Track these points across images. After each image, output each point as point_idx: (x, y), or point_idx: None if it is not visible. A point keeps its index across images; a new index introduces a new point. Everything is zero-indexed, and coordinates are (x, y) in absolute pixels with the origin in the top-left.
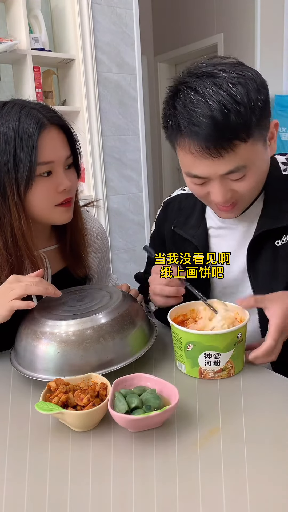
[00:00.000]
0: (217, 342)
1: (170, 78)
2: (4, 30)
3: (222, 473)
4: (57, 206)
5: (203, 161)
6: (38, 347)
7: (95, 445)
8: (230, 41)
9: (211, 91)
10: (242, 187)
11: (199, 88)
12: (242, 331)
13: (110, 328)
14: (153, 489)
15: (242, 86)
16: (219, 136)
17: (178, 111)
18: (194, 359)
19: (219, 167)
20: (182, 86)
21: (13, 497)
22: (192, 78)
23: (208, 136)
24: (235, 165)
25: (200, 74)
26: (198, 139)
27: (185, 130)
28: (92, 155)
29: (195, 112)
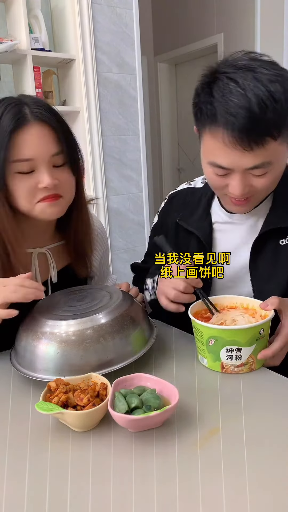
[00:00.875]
0: (239, 337)
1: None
2: (4, 30)
3: (222, 473)
4: (39, 202)
5: (233, 151)
6: (38, 347)
7: (95, 445)
8: (230, 41)
9: (251, 84)
10: (261, 184)
11: (239, 80)
12: (264, 326)
13: (110, 328)
14: (153, 489)
15: (280, 85)
16: (253, 129)
17: (215, 99)
18: (216, 354)
19: (247, 160)
20: (221, 76)
21: (13, 497)
22: (232, 69)
23: (243, 127)
24: (261, 161)
25: (239, 66)
26: (233, 129)
27: (220, 118)
28: (92, 155)
29: (233, 102)
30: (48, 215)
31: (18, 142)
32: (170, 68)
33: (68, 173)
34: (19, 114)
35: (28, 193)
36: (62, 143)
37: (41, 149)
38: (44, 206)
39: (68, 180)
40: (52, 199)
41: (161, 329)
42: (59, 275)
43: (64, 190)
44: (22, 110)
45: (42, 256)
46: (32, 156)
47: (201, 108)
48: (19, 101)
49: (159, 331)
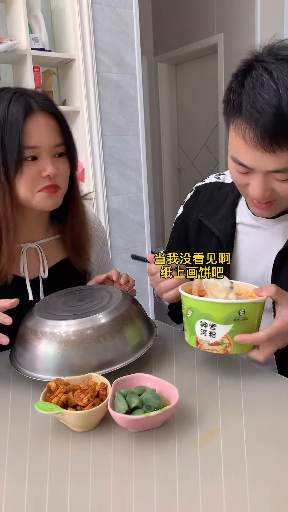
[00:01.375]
0: (213, 312)
1: (249, 51)
2: (4, 30)
3: (222, 473)
4: (40, 191)
5: (254, 151)
6: (38, 347)
7: (95, 445)
8: (230, 41)
9: (286, 80)
10: (284, 189)
11: (274, 72)
12: (245, 308)
13: (110, 328)
14: (153, 489)
15: None
16: (278, 129)
17: (244, 90)
18: (192, 326)
19: (267, 163)
20: (258, 65)
21: (13, 497)
22: (271, 58)
23: (267, 126)
24: (283, 166)
25: (281, 57)
26: (256, 126)
27: (245, 112)
28: (92, 155)
29: (261, 97)
30: (46, 206)
31: (26, 129)
32: (170, 68)
33: (66, 165)
34: (27, 103)
35: (31, 181)
36: (63, 135)
37: (46, 138)
38: (44, 196)
39: (65, 171)
40: (52, 190)
41: (161, 329)
42: (54, 270)
43: (61, 181)
44: (29, 100)
45: (34, 251)
46: (38, 144)
47: (229, 97)
48: (23, 91)
49: (159, 331)
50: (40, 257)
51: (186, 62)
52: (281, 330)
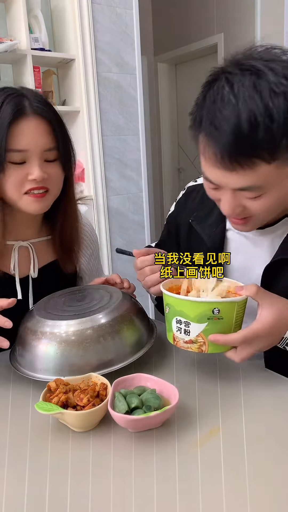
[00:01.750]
0: (186, 309)
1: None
2: (4, 30)
3: (222, 473)
4: (26, 194)
5: (215, 169)
6: (38, 347)
7: (95, 445)
8: (230, 41)
9: (246, 94)
10: (255, 207)
11: (235, 85)
12: (219, 307)
13: (110, 328)
14: (153, 489)
15: (285, 99)
16: (237, 148)
17: (205, 104)
18: (169, 323)
19: (231, 181)
20: (222, 75)
21: (13, 497)
22: (236, 69)
23: (226, 145)
24: (248, 184)
25: (245, 67)
26: (214, 145)
27: (205, 129)
28: (92, 155)
29: (220, 113)
30: (32, 209)
31: (15, 132)
32: (170, 68)
33: (58, 169)
34: (19, 105)
35: (17, 183)
36: (56, 139)
37: (36, 142)
38: (30, 200)
39: (57, 175)
40: (39, 195)
41: (161, 329)
42: (44, 271)
43: (52, 185)
44: (22, 102)
45: (25, 250)
46: (26, 148)
47: (193, 109)
48: (20, 92)
49: (159, 331)
50: (31, 256)
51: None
52: (259, 333)
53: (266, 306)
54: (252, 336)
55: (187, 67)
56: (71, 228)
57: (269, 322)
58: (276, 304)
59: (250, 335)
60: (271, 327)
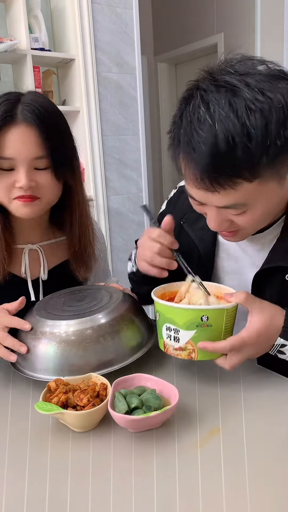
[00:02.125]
0: (175, 316)
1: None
2: (4, 30)
3: (222, 473)
4: (15, 199)
5: (197, 190)
6: (38, 347)
7: (95, 445)
8: (230, 41)
9: (222, 114)
10: (242, 222)
11: (211, 105)
12: (208, 314)
13: (110, 328)
14: (153, 489)
15: (262, 116)
16: (217, 170)
17: (182, 125)
18: (160, 330)
19: (214, 200)
20: (197, 93)
21: (13, 497)
22: (212, 85)
23: (205, 167)
24: (232, 202)
25: (221, 84)
26: (193, 167)
27: (183, 150)
28: (92, 155)
29: (197, 134)
30: (22, 214)
31: (2, 140)
32: (170, 68)
33: (49, 177)
34: (9, 112)
35: (6, 189)
36: (46, 148)
37: (23, 150)
38: (19, 204)
39: (48, 183)
40: (28, 199)
41: None
42: (53, 272)
43: (42, 193)
44: (14, 109)
45: (35, 252)
46: (13, 156)
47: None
48: (17, 98)
49: None
50: (41, 259)
51: (186, 62)
52: (248, 341)
53: (256, 313)
54: (240, 344)
55: (187, 67)
56: (81, 235)
57: (257, 329)
58: (266, 311)
59: (238, 343)
60: (259, 335)
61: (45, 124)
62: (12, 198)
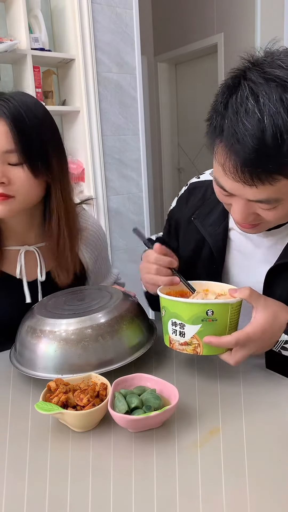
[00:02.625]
0: (181, 311)
1: (243, 55)
2: (4, 30)
3: (222, 473)
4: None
5: (233, 182)
6: (37, 346)
7: (95, 445)
8: (230, 41)
9: (272, 108)
10: (268, 216)
11: (261, 98)
12: (213, 308)
13: (109, 327)
14: (153, 489)
15: None
16: (260, 164)
17: (227, 114)
18: (165, 326)
19: (248, 193)
20: (245, 84)
21: (13, 497)
22: (260, 78)
23: (248, 160)
24: (266, 197)
25: (270, 77)
26: (236, 159)
27: (226, 140)
28: (92, 155)
29: (244, 126)
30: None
31: None
32: (170, 68)
33: (23, 173)
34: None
35: None
36: (16, 142)
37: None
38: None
39: (22, 180)
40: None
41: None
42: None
43: (16, 191)
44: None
45: (30, 254)
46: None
47: (212, 119)
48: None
49: (159, 331)
50: (38, 260)
51: (186, 62)
52: (253, 336)
53: (260, 309)
54: (245, 339)
55: (187, 67)
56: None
57: (262, 325)
58: (270, 307)
59: (243, 338)
60: (263, 330)
61: (18, 117)
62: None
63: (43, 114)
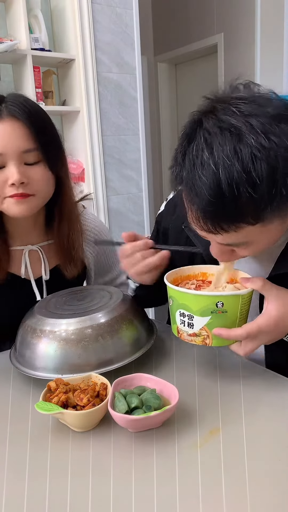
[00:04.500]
0: (189, 302)
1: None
2: (4, 30)
3: (222, 473)
4: (8, 197)
5: (199, 229)
6: (37, 346)
7: (95, 445)
8: (230, 41)
9: (226, 161)
10: (244, 253)
11: (215, 150)
12: (223, 300)
13: (109, 327)
14: (153, 489)
15: (268, 165)
16: (219, 216)
17: (185, 165)
18: (173, 316)
19: (218, 239)
20: (201, 133)
21: (13, 497)
22: (215, 126)
23: (208, 212)
24: (235, 241)
25: (225, 127)
26: (196, 210)
27: (186, 191)
28: (92, 155)
29: (200, 179)
30: (15, 212)
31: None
32: (170, 68)
33: (42, 171)
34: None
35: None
36: (36, 140)
37: (11, 144)
38: (11, 202)
39: (41, 178)
40: (21, 197)
41: (161, 329)
42: (53, 272)
43: (36, 189)
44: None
45: (34, 253)
46: (2, 151)
47: (173, 168)
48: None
49: (159, 331)
50: (42, 259)
51: (186, 62)
52: (264, 328)
53: (272, 299)
54: (256, 331)
55: (187, 67)
56: (69, 231)
57: (274, 316)
58: (282, 298)
59: (254, 330)
60: (276, 322)
61: (32, 117)
62: (5, 197)
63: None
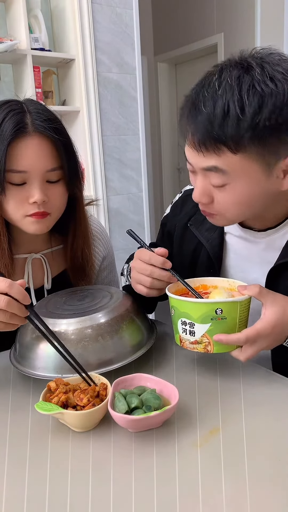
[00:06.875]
0: (189, 310)
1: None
2: (4, 30)
3: (222, 473)
4: (28, 216)
5: (189, 148)
6: (37, 346)
7: (95, 445)
8: (230, 41)
9: (228, 84)
10: (222, 198)
11: (223, 75)
12: (222, 307)
13: (109, 327)
14: (153, 489)
15: (261, 97)
16: (207, 132)
17: (196, 88)
18: (175, 325)
19: (200, 161)
20: (218, 68)
21: (13, 497)
22: (233, 62)
23: (198, 126)
24: (214, 165)
25: (240, 62)
26: (189, 124)
27: (186, 108)
28: (92, 155)
29: (203, 96)
30: (33, 231)
31: (15, 152)
32: (170, 68)
33: (61, 189)
34: (20, 123)
35: (18, 205)
36: (60, 159)
37: (37, 163)
38: (31, 221)
39: (59, 197)
40: (40, 216)
41: (161, 329)
42: (56, 280)
43: (53, 208)
44: (24, 119)
45: (37, 261)
46: (26, 169)
47: (184, 103)
48: (22, 108)
49: (159, 331)
50: (45, 267)
51: (186, 62)
52: (263, 332)
53: (269, 305)
54: (255, 336)
55: (187, 67)
56: (82, 248)
57: (272, 321)
58: (279, 303)
59: (253, 335)
60: (274, 326)
61: (57, 134)
62: (25, 215)
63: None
